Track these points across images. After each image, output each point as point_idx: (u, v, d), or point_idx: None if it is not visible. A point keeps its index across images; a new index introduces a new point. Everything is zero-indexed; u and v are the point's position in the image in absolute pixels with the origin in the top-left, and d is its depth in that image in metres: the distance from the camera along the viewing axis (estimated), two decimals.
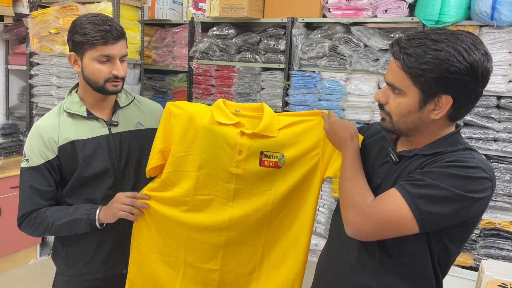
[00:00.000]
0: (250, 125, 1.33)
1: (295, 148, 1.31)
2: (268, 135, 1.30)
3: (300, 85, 3.09)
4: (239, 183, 1.32)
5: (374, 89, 2.91)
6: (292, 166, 1.31)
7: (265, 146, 1.30)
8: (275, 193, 1.31)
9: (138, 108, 1.57)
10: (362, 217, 1.03)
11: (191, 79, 3.54)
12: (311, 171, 1.31)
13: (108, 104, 1.49)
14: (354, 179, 1.11)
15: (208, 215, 1.34)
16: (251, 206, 1.31)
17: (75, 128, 1.42)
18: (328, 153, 1.29)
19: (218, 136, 1.30)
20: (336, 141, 1.24)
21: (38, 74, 3.45)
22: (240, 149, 1.30)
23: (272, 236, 1.35)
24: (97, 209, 1.39)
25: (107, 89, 1.39)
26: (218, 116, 1.31)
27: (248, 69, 3.27)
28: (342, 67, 2.94)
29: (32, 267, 3.38)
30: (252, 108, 1.38)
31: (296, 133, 1.31)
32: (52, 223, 1.38)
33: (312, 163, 1.31)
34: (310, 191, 1.32)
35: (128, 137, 1.49)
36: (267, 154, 1.30)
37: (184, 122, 1.32)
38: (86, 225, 1.38)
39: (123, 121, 1.50)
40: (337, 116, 1.27)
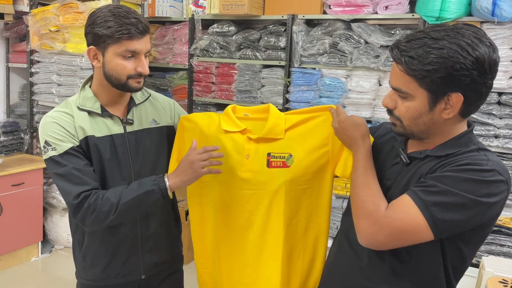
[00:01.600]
0: (257, 128, 1.32)
1: (303, 147, 1.29)
2: (273, 137, 1.29)
3: (300, 82, 3.07)
4: (249, 187, 1.31)
5: (375, 86, 2.89)
6: (301, 165, 1.28)
7: (272, 148, 1.29)
8: (285, 196, 1.28)
9: (153, 105, 1.49)
10: (375, 227, 0.99)
11: (192, 76, 3.53)
12: (322, 170, 1.28)
13: (124, 101, 1.41)
14: (366, 185, 1.06)
15: (232, 224, 1.35)
16: (263, 212, 1.29)
17: (91, 125, 1.34)
18: (337, 149, 1.27)
19: (225, 144, 1.31)
20: (346, 141, 1.20)
21: (39, 72, 3.45)
22: (248, 153, 1.30)
23: (289, 244, 1.32)
24: (164, 178, 1.28)
25: (130, 86, 1.31)
26: (225, 124, 1.33)
27: (249, 66, 3.26)
28: (343, 64, 2.93)
29: (33, 265, 3.39)
30: (260, 110, 1.37)
31: (304, 132, 1.29)
32: (117, 203, 1.24)
33: (322, 161, 1.28)
34: (323, 191, 1.30)
35: (143, 135, 1.41)
36: (275, 155, 1.29)
37: (195, 134, 1.35)
38: (157, 195, 1.26)
39: (138, 119, 1.42)
40: (345, 112, 1.23)
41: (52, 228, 3.58)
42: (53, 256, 3.54)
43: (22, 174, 3.24)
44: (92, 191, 1.27)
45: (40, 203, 3.42)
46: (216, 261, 1.40)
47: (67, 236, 3.56)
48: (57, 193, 3.49)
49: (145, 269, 1.47)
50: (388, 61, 2.80)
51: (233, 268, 1.36)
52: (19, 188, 3.23)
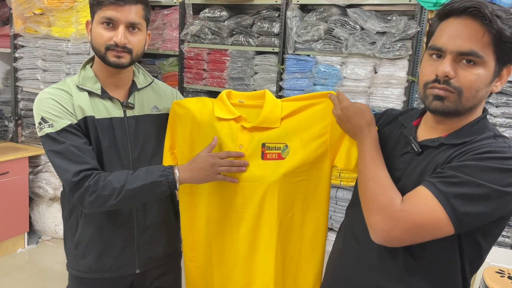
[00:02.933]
0: (253, 116, 1.25)
1: (300, 137, 1.21)
2: (268, 126, 1.21)
3: (294, 70, 3.01)
4: (241, 179, 1.23)
5: (371, 73, 2.84)
6: (297, 157, 1.21)
7: (266, 138, 1.22)
8: (279, 189, 1.21)
9: (155, 92, 1.44)
10: (391, 223, 0.91)
11: (182, 63, 3.45)
12: (319, 160, 1.21)
13: (125, 84, 1.35)
14: (377, 177, 0.99)
15: (223, 217, 1.28)
16: (255, 206, 1.22)
17: (90, 105, 1.27)
18: (336, 138, 1.20)
19: (219, 132, 1.24)
20: (350, 129, 1.12)
21: (23, 57, 3.33)
22: (241, 143, 1.22)
23: (284, 240, 1.25)
24: (174, 169, 1.21)
25: (108, 60, 1.25)
26: (219, 111, 1.25)
27: (241, 52, 3.18)
28: (338, 50, 2.87)
29: (19, 256, 3.31)
30: (256, 96, 1.30)
31: (301, 121, 1.22)
32: (120, 188, 1.18)
33: (320, 151, 1.21)
34: (321, 182, 1.22)
35: (144, 121, 1.36)
36: (269, 146, 1.22)
37: (187, 121, 1.28)
38: (165, 188, 1.20)
39: (140, 104, 1.36)
40: (348, 98, 1.15)
41: (39, 218, 3.49)
42: (40, 247, 3.46)
43: (7, 163, 3.13)
44: (93, 172, 1.21)
45: (26, 193, 3.33)
46: (207, 255, 1.34)
47: (54, 226, 3.47)
48: (44, 183, 3.39)
49: (140, 263, 1.40)
50: (384, 48, 2.75)
51: (225, 263, 1.30)
52: (4, 178, 3.13)
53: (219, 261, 1.31)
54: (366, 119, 1.09)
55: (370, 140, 1.06)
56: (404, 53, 2.71)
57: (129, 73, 1.37)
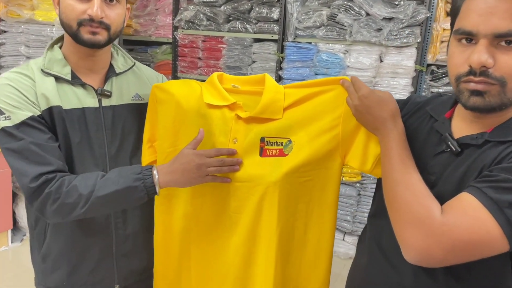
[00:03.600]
0: (249, 104, 1.06)
1: (306, 130, 1.03)
2: (269, 117, 1.03)
3: (295, 58, 2.89)
4: (235, 179, 1.04)
5: (376, 62, 2.70)
6: (301, 153, 1.02)
7: (266, 130, 1.03)
8: (280, 191, 1.02)
9: (137, 77, 1.23)
10: (430, 239, 0.74)
11: (176, 51, 3.33)
12: (328, 158, 1.03)
13: (100, 67, 1.15)
14: (408, 182, 0.81)
15: (211, 223, 1.08)
16: (252, 210, 1.04)
17: (57, 92, 1.07)
18: (350, 132, 1.01)
19: (209, 122, 1.04)
20: (371, 122, 0.93)
21: (5, 43, 3.14)
22: (235, 136, 1.03)
23: (285, 250, 1.06)
24: (152, 170, 1.02)
25: (82, 37, 1.04)
26: (209, 96, 1.06)
27: (238, 40, 3.06)
28: (341, 37, 2.74)
29: (2, 255, 3.13)
30: (253, 81, 1.10)
31: (308, 112, 1.04)
32: (87, 196, 0.99)
33: (329, 147, 1.02)
34: (329, 184, 1.04)
35: (123, 112, 1.16)
36: (270, 141, 1.03)
37: (170, 109, 1.07)
38: (142, 194, 1.01)
39: (118, 92, 1.17)
40: (366, 85, 0.95)
41: (24, 214, 3.32)
42: (25, 245, 3.28)
43: None
44: (56, 175, 1.01)
45: (9, 187, 3.14)
46: (182, 271, 1.14)
47: None
48: None
49: (120, 278, 1.21)
50: (391, 35, 2.59)
51: (209, 279, 1.10)
52: None
53: (202, 277, 1.11)
54: (390, 109, 0.90)
55: (396, 135, 0.87)
56: (412, 40, 2.57)
57: (106, 55, 1.16)
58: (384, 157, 0.88)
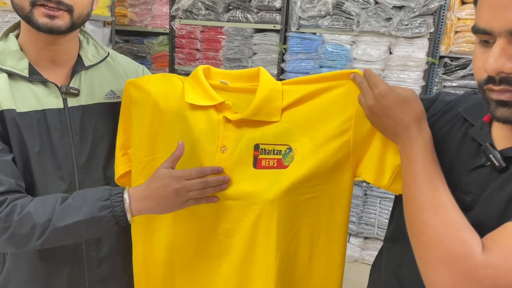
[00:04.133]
0: (241, 104, 0.89)
1: (310, 136, 0.86)
2: (264, 120, 0.86)
3: (298, 50, 2.76)
4: (225, 196, 0.87)
5: (385, 54, 2.56)
6: (305, 164, 0.86)
7: (261, 136, 0.86)
8: (279, 211, 0.85)
9: (112, 71, 1.06)
10: (469, 284, 0.59)
11: (173, 42, 3.20)
12: (337, 170, 0.86)
13: (65, 60, 0.98)
14: (438, 206, 0.65)
15: (196, 247, 0.92)
16: (245, 234, 0.87)
17: (10, 91, 0.90)
18: (362, 138, 0.85)
19: (192, 127, 0.88)
20: (389, 127, 0.77)
21: None
22: (224, 143, 0.87)
23: (285, 282, 0.89)
24: (123, 194, 0.86)
25: (35, 20, 0.86)
26: (191, 95, 0.88)
27: (239, 30, 2.93)
28: (348, 28, 2.60)
29: None
30: (246, 76, 0.93)
31: (311, 113, 0.87)
32: (43, 226, 0.83)
33: (338, 157, 0.85)
34: (338, 202, 0.88)
35: (94, 113, 1.00)
36: (266, 149, 0.86)
37: (146, 111, 0.91)
38: (110, 224, 0.85)
39: (88, 89, 1.00)
40: (383, 80, 0.79)
41: None
42: None
43: None
44: (6, 198, 0.85)
45: None
46: None
47: None
48: None
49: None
50: (402, 25, 2.43)
51: None
52: None
53: None
54: (415, 111, 0.74)
55: (422, 144, 0.72)
56: (424, 30, 2.44)
57: (72, 43, 0.99)
58: (406, 173, 0.71)
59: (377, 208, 2.72)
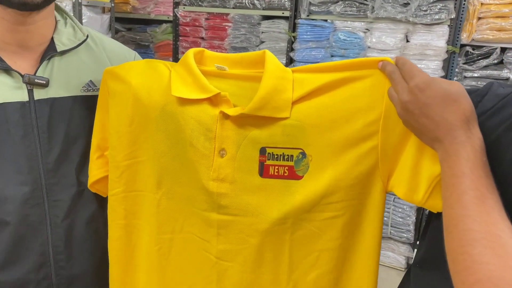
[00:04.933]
0: (242, 94, 0.74)
1: (328, 139, 0.70)
2: (270, 116, 0.70)
3: (308, 38, 2.69)
4: (224, 211, 0.72)
5: (401, 42, 2.46)
6: (323, 176, 0.70)
7: (268, 137, 0.71)
8: (293, 231, 0.71)
9: (94, 57, 0.91)
10: None
11: (177, 30, 3.13)
12: (363, 183, 0.71)
13: (37, 43, 0.84)
14: (494, 237, 0.52)
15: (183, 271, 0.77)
16: (249, 259, 0.72)
17: None
18: (394, 143, 0.69)
19: (181, 125, 0.73)
20: (429, 129, 0.62)
21: None
22: (222, 145, 0.71)
23: None
24: None
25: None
26: (179, 87, 0.73)
27: (245, 17, 2.86)
28: (362, 14, 2.51)
29: None
30: (248, 61, 0.77)
31: (329, 109, 0.71)
32: None
33: (365, 166, 0.70)
34: (366, 223, 0.72)
35: (68, 108, 0.86)
36: (274, 153, 0.71)
37: (126, 106, 0.77)
38: None
39: (61, 79, 0.85)
40: (420, 69, 0.64)
41: None
42: None
43: None
44: None
45: None
46: None
47: None
48: None
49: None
50: (420, 10, 2.29)
51: None
52: None
53: None
54: (463, 111, 0.60)
55: (471, 153, 0.58)
56: (444, 16, 2.32)
57: (46, 23, 0.85)
58: (449, 190, 0.56)
59: (390, 207, 2.60)
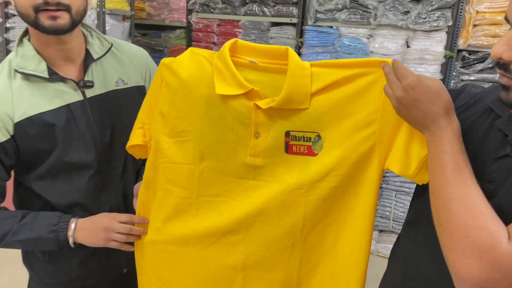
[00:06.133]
0: (269, 83, 0.91)
1: (338, 126, 0.88)
2: (293, 108, 0.88)
3: (315, 43, 2.76)
4: (259, 178, 0.91)
5: (402, 47, 2.55)
6: (332, 153, 0.88)
7: (291, 123, 0.89)
8: (307, 195, 0.89)
9: (117, 59, 1.16)
10: (495, 273, 0.62)
11: (190, 35, 3.22)
12: (362, 162, 0.88)
13: (76, 55, 1.08)
14: (467, 197, 0.67)
15: (217, 224, 0.96)
16: (272, 215, 0.91)
17: (35, 97, 1.03)
18: (389, 131, 0.86)
19: (224, 113, 0.91)
20: (418, 118, 0.77)
21: (15, 27, 3.07)
22: (257, 130, 0.90)
23: (310, 259, 0.94)
24: (70, 223, 1.02)
25: (42, 24, 0.96)
26: (221, 85, 0.90)
27: (255, 24, 2.93)
28: (365, 21, 2.59)
29: None
30: (273, 53, 0.92)
31: (340, 101, 0.88)
32: (1, 237, 1.02)
33: (365, 147, 0.87)
34: (363, 191, 0.89)
35: (109, 100, 1.12)
36: (296, 136, 0.89)
37: (177, 95, 0.94)
38: (53, 246, 1.02)
39: (100, 80, 1.11)
40: (412, 71, 0.79)
41: None
42: None
43: None
44: None
45: None
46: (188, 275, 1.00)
47: None
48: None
49: (128, 261, 1.17)
50: (420, 18, 2.41)
51: None
52: None
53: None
54: (444, 103, 0.74)
55: (451, 136, 0.72)
56: (442, 24, 2.42)
57: (79, 39, 1.08)
58: (435, 163, 0.73)
59: (392, 202, 2.72)
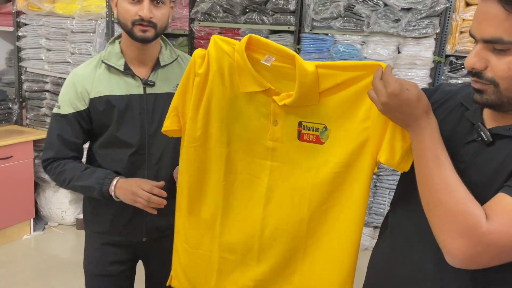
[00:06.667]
0: (283, 82, 1.04)
1: (340, 121, 1.02)
2: (304, 105, 1.04)
3: (311, 49, 2.85)
4: (276, 159, 1.08)
5: (393, 53, 2.68)
6: (336, 143, 1.03)
7: (304, 115, 1.05)
8: (314, 177, 1.05)
9: (181, 68, 1.46)
10: (479, 248, 0.76)
11: (193, 43, 3.31)
12: (358, 151, 1.02)
13: (149, 60, 1.42)
14: (448, 186, 0.80)
15: (241, 198, 1.14)
16: (287, 191, 1.08)
17: (110, 83, 1.39)
18: (380, 126, 0.98)
19: (247, 106, 1.08)
20: (401, 120, 0.88)
21: (26, 35, 3.20)
22: (275, 119, 1.06)
23: (315, 233, 1.09)
24: (113, 180, 1.34)
25: (135, 34, 1.32)
26: (244, 83, 1.05)
27: (255, 31, 3.01)
28: (359, 29, 2.71)
29: (25, 243, 3.22)
30: (283, 54, 1.03)
31: (342, 99, 1.02)
32: (68, 180, 1.39)
33: (360, 139, 1.01)
34: (358, 178, 1.03)
35: (163, 99, 1.41)
36: (307, 126, 1.05)
37: (206, 86, 1.10)
38: (98, 195, 1.35)
39: (161, 82, 1.43)
40: (396, 79, 0.87)
41: (45, 204, 3.39)
42: (47, 234, 3.37)
43: (11, 147, 3.01)
44: (57, 160, 1.41)
45: (31, 177, 3.22)
46: (213, 239, 1.18)
47: (61, 212, 3.37)
48: None
49: (147, 231, 1.49)
50: (410, 26, 2.57)
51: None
52: (8, 162, 3.01)
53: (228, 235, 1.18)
54: (423, 106, 0.85)
55: (431, 133, 0.84)
56: (431, 31, 2.55)
57: (155, 48, 1.42)
58: (419, 158, 0.85)
59: (386, 199, 2.86)
